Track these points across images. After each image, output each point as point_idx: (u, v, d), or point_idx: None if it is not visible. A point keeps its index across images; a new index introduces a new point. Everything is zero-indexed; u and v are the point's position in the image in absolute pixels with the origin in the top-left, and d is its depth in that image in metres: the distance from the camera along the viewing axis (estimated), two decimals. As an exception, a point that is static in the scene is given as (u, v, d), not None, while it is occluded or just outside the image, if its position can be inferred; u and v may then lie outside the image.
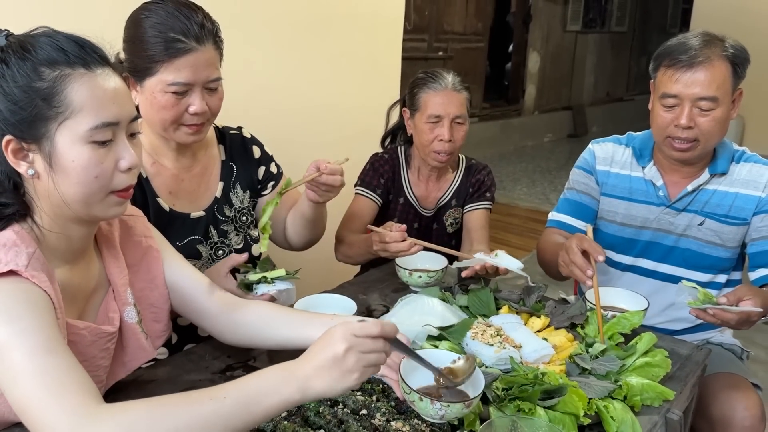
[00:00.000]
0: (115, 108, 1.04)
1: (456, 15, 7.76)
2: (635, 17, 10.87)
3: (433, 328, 1.42)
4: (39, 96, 0.99)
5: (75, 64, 1.01)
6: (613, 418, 1.17)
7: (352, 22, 2.67)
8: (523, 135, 9.19)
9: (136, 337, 1.21)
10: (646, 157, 1.85)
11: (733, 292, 1.46)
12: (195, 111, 1.48)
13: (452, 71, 2.11)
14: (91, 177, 1.03)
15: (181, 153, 1.63)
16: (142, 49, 1.45)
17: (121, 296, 1.20)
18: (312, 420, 1.13)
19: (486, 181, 2.21)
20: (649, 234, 1.84)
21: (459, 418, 1.12)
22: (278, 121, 2.42)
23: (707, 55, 1.61)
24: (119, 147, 1.06)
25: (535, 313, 1.57)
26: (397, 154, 2.21)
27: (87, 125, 1.01)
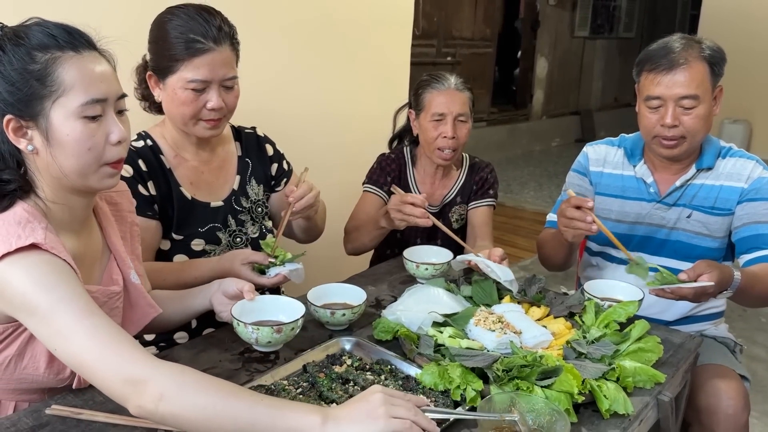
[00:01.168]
0: (103, 86, 1.16)
1: (464, 21, 7.85)
2: (643, 23, 10.92)
3: (438, 315, 1.50)
4: (33, 77, 1.11)
5: (64, 47, 1.13)
6: (606, 397, 1.25)
7: (361, 28, 2.76)
8: (531, 139, 9.26)
9: (143, 295, 1.33)
10: (637, 156, 1.94)
11: (692, 268, 1.57)
12: (212, 107, 1.60)
13: (455, 74, 2.21)
14: (84, 149, 1.14)
15: (201, 147, 1.75)
16: (165, 49, 1.58)
17: (124, 261, 1.33)
18: (325, 395, 1.22)
19: (489, 179, 2.30)
20: (642, 229, 1.93)
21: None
22: (289, 124, 2.50)
23: (685, 57, 1.71)
24: (109, 122, 1.18)
25: (536, 302, 1.65)
26: (403, 154, 2.30)
27: (78, 101, 1.12)
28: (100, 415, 1.15)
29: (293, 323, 1.37)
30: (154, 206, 1.66)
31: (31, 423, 1.15)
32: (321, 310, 1.52)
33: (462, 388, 1.23)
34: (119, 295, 1.29)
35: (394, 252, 2.28)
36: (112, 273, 1.31)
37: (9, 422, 1.15)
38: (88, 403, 1.20)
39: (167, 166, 1.70)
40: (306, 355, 1.39)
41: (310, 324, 1.59)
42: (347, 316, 1.53)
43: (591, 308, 1.57)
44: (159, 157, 1.70)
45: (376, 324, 1.51)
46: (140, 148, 1.68)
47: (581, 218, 1.65)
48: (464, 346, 1.39)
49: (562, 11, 9.22)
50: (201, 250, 1.73)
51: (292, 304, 1.46)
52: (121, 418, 1.14)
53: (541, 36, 9.03)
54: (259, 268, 1.60)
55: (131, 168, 1.64)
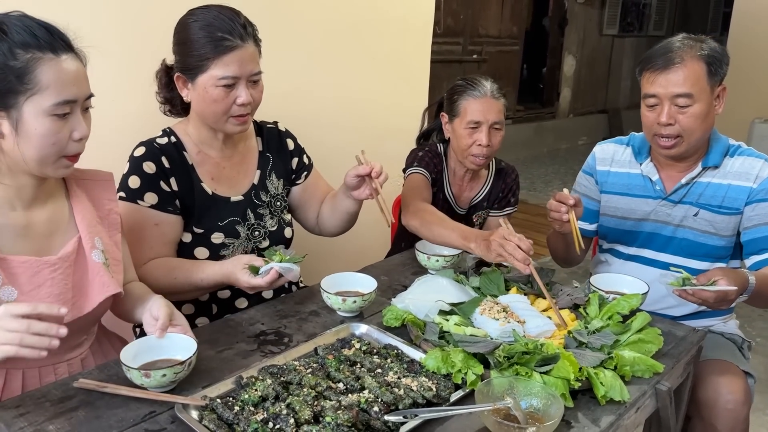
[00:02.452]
0: (75, 88, 1.26)
1: (491, 19, 7.86)
2: (674, 21, 10.79)
3: (445, 303, 1.56)
4: (13, 73, 1.19)
5: (45, 48, 1.22)
6: (602, 384, 1.29)
7: (383, 27, 2.81)
8: (557, 137, 9.23)
9: (101, 274, 1.40)
10: (644, 154, 1.98)
11: (705, 274, 1.59)
12: (242, 102, 1.65)
13: (490, 78, 2.20)
14: (48, 143, 1.25)
15: (225, 144, 1.81)
16: (193, 49, 1.62)
17: (88, 241, 1.41)
18: (333, 375, 1.29)
19: (513, 187, 2.34)
20: (649, 225, 1.96)
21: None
22: (310, 121, 2.56)
23: (681, 56, 1.74)
24: (74, 120, 1.28)
25: (541, 294, 1.70)
26: (440, 151, 2.30)
27: (50, 101, 1.23)
28: (123, 389, 1.23)
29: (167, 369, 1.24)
30: (175, 201, 1.72)
31: (60, 395, 1.24)
32: (333, 297, 1.60)
33: (463, 372, 1.29)
34: (55, 266, 1.34)
35: (409, 244, 2.33)
36: (68, 249, 1.39)
37: (39, 393, 1.25)
38: (112, 378, 1.29)
39: (189, 162, 1.75)
40: (317, 339, 1.46)
41: (324, 310, 1.66)
42: (358, 303, 1.59)
43: (595, 300, 1.61)
44: (182, 154, 1.75)
45: (385, 311, 1.57)
46: (164, 145, 1.73)
47: (557, 209, 1.75)
48: (469, 334, 1.44)
49: (591, 9, 9.16)
50: (221, 243, 1.78)
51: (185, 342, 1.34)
52: (142, 392, 1.23)
53: (569, 34, 8.99)
54: (253, 268, 1.59)
55: (155, 165, 1.69)
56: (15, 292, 1.28)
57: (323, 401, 1.19)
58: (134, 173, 1.68)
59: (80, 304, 1.38)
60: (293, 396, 1.20)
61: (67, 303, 1.35)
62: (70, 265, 1.37)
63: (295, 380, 1.26)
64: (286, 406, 1.16)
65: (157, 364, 1.29)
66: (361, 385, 1.26)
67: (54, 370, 1.40)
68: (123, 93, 1.99)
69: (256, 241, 1.85)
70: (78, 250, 1.39)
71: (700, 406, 1.72)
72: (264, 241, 1.86)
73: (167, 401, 1.22)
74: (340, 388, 1.25)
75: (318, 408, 1.16)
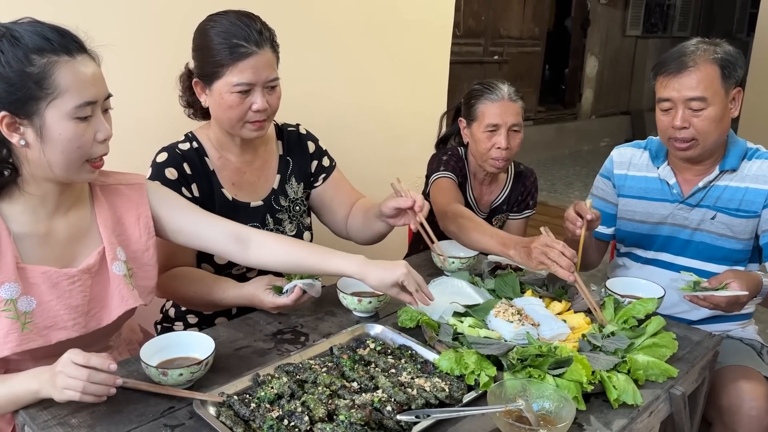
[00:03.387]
0: (94, 89, 1.26)
1: (512, 20, 7.84)
2: (699, 22, 10.66)
3: (459, 305, 1.58)
4: (31, 80, 1.18)
5: (60, 51, 1.21)
6: (615, 387, 1.30)
7: (402, 29, 2.83)
8: (579, 139, 9.17)
9: (120, 288, 1.40)
10: (661, 158, 1.98)
11: (717, 277, 1.60)
12: (257, 108, 1.64)
13: (507, 81, 2.21)
14: (74, 147, 1.25)
15: (245, 149, 1.81)
16: (210, 55, 1.63)
17: (110, 253, 1.40)
18: (347, 374, 1.31)
19: (531, 189, 2.35)
20: (666, 229, 1.96)
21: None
22: (328, 122, 2.58)
23: (694, 60, 1.74)
24: (97, 122, 1.28)
25: (557, 297, 1.71)
26: (462, 155, 2.31)
27: (72, 104, 1.22)
28: (143, 384, 1.27)
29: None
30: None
31: (82, 389, 1.28)
32: (349, 298, 1.62)
33: (476, 374, 1.30)
34: (74, 279, 1.34)
35: (419, 248, 2.35)
36: (90, 260, 1.38)
37: (63, 387, 1.28)
38: (133, 374, 1.32)
39: (211, 168, 1.76)
40: (333, 339, 1.49)
41: (340, 310, 1.68)
42: (373, 303, 1.61)
43: (610, 304, 1.61)
44: (203, 159, 1.76)
45: (400, 312, 1.59)
46: (186, 151, 1.74)
47: (573, 221, 1.76)
48: (483, 336, 1.46)
49: (614, 10, 9.09)
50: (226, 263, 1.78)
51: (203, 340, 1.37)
52: (161, 388, 1.26)
53: (592, 35, 8.93)
54: (276, 288, 1.61)
55: (176, 171, 1.70)
56: (34, 301, 1.29)
57: (337, 400, 1.21)
58: (156, 179, 1.69)
59: (99, 316, 1.39)
60: (308, 394, 1.22)
61: (84, 315, 1.36)
62: (90, 277, 1.37)
63: (310, 379, 1.29)
64: (301, 404, 1.19)
65: (176, 362, 1.32)
66: (374, 385, 1.28)
67: None
68: (142, 97, 2.02)
69: None
70: (100, 261, 1.39)
71: (722, 413, 1.71)
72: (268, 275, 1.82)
73: (186, 397, 1.24)
74: (354, 387, 1.28)
75: (332, 406, 1.19)
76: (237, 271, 1.81)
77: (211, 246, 1.55)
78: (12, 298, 1.26)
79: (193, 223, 1.52)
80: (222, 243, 1.53)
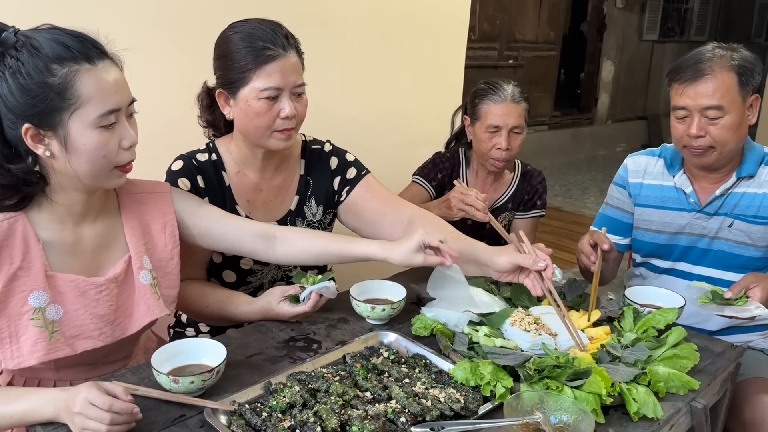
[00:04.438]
0: (117, 96, 1.23)
1: (528, 24, 7.80)
2: (716, 26, 10.56)
3: (473, 314, 1.55)
4: (53, 91, 1.16)
5: (80, 59, 1.18)
6: (635, 400, 1.26)
7: (418, 33, 2.82)
8: (595, 144, 9.11)
9: (146, 297, 1.39)
10: (677, 166, 1.94)
11: (739, 283, 1.57)
12: (286, 115, 1.57)
13: (512, 82, 2.21)
14: (99, 156, 1.23)
15: (266, 164, 1.73)
16: (234, 62, 1.56)
17: (137, 261, 1.39)
18: (360, 383, 1.29)
19: (539, 189, 2.33)
20: (683, 239, 1.92)
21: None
22: (344, 126, 2.58)
23: (711, 67, 1.70)
24: (121, 128, 1.26)
25: (575, 306, 1.67)
26: (459, 155, 2.35)
27: (95, 113, 1.20)
28: (154, 392, 1.25)
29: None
30: None
31: (93, 395, 1.27)
32: (362, 305, 1.59)
33: (492, 385, 1.27)
34: (101, 288, 1.33)
35: None
36: (116, 269, 1.38)
37: (74, 394, 1.27)
38: (144, 381, 1.31)
39: (227, 182, 1.71)
40: (346, 347, 1.46)
41: (352, 317, 1.66)
42: (387, 311, 1.59)
43: (629, 313, 1.58)
44: (220, 173, 1.71)
45: (414, 320, 1.57)
46: (203, 163, 1.70)
47: (587, 255, 1.75)
48: (499, 345, 1.43)
49: (630, 14, 9.02)
50: (249, 269, 1.76)
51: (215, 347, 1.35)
52: (172, 396, 1.24)
53: (608, 39, 8.87)
54: (292, 297, 1.58)
55: (189, 182, 1.66)
56: (61, 310, 1.29)
57: (350, 410, 1.19)
58: None
59: (124, 325, 1.38)
60: (320, 404, 1.20)
61: (110, 324, 1.36)
62: (117, 286, 1.37)
63: (322, 388, 1.26)
64: (313, 414, 1.17)
65: (187, 369, 1.31)
66: (388, 395, 1.25)
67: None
68: (160, 105, 2.02)
69: (286, 269, 1.82)
70: (126, 270, 1.38)
71: (744, 427, 1.67)
72: (294, 269, 1.82)
73: (197, 405, 1.23)
74: (368, 397, 1.25)
75: (345, 417, 1.16)
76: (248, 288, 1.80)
77: (237, 246, 1.56)
78: (41, 307, 1.26)
79: (219, 225, 1.52)
80: (249, 242, 1.54)
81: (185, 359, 1.34)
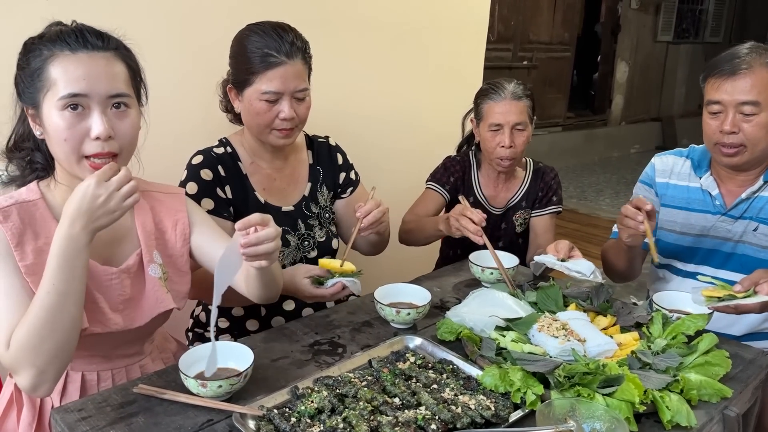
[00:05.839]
0: (84, 82, 1.23)
1: (542, 25, 7.77)
2: (732, 27, 10.47)
3: (500, 319, 1.53)
4: (36, 73, 1.23)
5: (63, 47, 1.23)
6: (668, 408, 1.24)
7: (437, 33, 2.80)
8: (609, 145, 9.06)
9: (156, 290, 1.40)
10: (704, 168, 1.91)
11: (749, 277, 1.54)
12: (284, 117, 1.69)
13: (515, 80, 2.21)
14: (61, 139, 1.24)
15: (275, 155, 1.85)
16: (242, 63, 1.69)
17: (147, 255, 1.41)
18: (388, 389, 1.27)
19: (553, 185, 2.31)
20: (708, 242, 1.89)
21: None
22: (362, 127, 2.58)
23: (749, 62, 1.68)
24: (92, 117, 1.25)
25: (602, 312, 1.65)
26: (469, 157, 2.34)
27: (58, 95, 1.22)
28: (181, 396, 1.24)
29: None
30: (230, 208, 1.76)
31: (120, 400, 1.26)
32: (387, 309, 1.58)
33: (522, 392, 1.26)
34: (112, 277, 1.36)
35: (456, 253, 2.32)
36: (129, 261, 1.40)
37: (101, 398, 1.27)
38: (170, 385, 1.30)
39: (244, 171, 1.81)
40: (372, 351, 1.45)
41: (377, 321, 1.65)
42: (412, 315, 1.58)
43: (658, 319, 1.56)
44: (237, 164, 1.81)
45: (440, 324, 1.55)
46: (221, 155, 1.79)
47: (633, 216, 1.67)
48: (527, 351, 1.41)
49: (645, 15, 8.96)
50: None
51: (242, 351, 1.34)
52: (200, 400, 1.23)
53: (622, 40, 8.82)
54: (318, 280, 1.66)
55: (211, 173, 1.75)
56: None
57: (379, 416, 1.18)
58: (192, 180, 1.74)
59: (133, 316, 1.39)
60: (349, 410, 1.19)
61: (120, 313, 1.37)
62: (128, 277, 1.39)
63: (350, 393, 1.25)
64: (343, 420, 1.16)
65: (214, 373, 1.30)
66: (417, 401, 1.24)
67: (112, 376, 1.42)
68: (179, 104, 2.03)
69: (305, 251, 1.88)
70: (138, 263, 1.41)
71: None
72: (312, 251, 1.89)
73: (224, 410, 1.22)
74: (396, 403, 1.24)
75: (374, 423, 1.15)
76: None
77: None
78: None
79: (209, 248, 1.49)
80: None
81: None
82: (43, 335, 1.16)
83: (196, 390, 1.24)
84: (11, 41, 1.31)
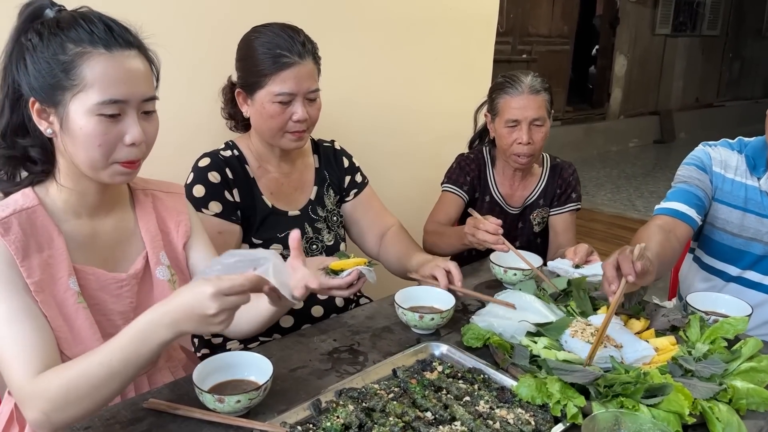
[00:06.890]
0: (125, 87, 1.14)
1: (541, 18, 7.69)
2: (728, 20, 10.41)
3: (530, 324, 1.45)
4: (60, 68, 1.11)
5: (97, 44, 1.12)
6: (719, 419, 1.16)
7: (446, 26, 2.71)
8: (608, 139, 8.99)
9: (165, 293, 1.32)
10: (761, 167, 1.80)
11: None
12: (298, 118, 1.64)
13: (532, 72, 2.12)
14: (94, 145, 1.14)
15: (283, 160, 1.81)
16: (253, 65, 1.63)
17: (153, 257, 1.33)
18: (419, 402, 1.19)
19: (572, 182, 2.23)
20: (759, 247, 1.80)
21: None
22: (371, 121, 2.50)
23: None
24: (127, 123, 1.16)
25: (635, 315, 1.57)
26: (483, 154, 2.25)
27: (95, 99, 1.12)
28: (197, 412, 1.15)
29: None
30: (237, 212, 1.70)
31: (129, 416, 1.17)
32: (409, 314, 1.49)
33: (562, 404, 1.17)
34: (122, 283, 1.29)
35: (471, 253, 2.23)
36: (136, 264, 1.32)
37: (108, 414, 1.17)
38: (183, 398, 1.21)
39: (251, 175, 1.76)
40: (395, 359, 1.36)
41: (397, 326, 1.56)
42: (436, 320, 1.49)
43: (696, 322, 1.48)
44: (244, 167, 1.76)
45: (465, 330, 1.46)
46: (228, 158, 1.74)
47: (609, 280, 1.38)
48: (561, 359, 1.33)
49: (643, 8, 8.90)
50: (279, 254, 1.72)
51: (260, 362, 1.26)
52: (216, 416, 1.15)
53: (621, 33, 8.74)
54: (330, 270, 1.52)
55: (219, 175, 1.69)
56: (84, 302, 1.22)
57: (412, 432, 1.09)
58: (199, 182, 1.67)
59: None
60: (378, 425, 1.10)
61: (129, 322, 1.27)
62: (138, 283, 1.31)
63: (378, 407, 1.16)
64: (372, 437, 1.07)
65: (230, 385, 1.21)
66: (451, 415, 1.15)
67: None
68: (186, 105, 1.95)
69: (313, 255, 1.81)
70: (145, 267, 1.33)
71: None
72: (320, 255, 1.82)
73: (244, 427, 1.13)
74: (429, 417, 1.15)
75: (407, 440, 1.06)
76: None
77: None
78: (79, 291, 1.21)
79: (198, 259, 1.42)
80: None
81: (227, 374, 1.24)
82: (77, 400, 1.07)
83: (212, 405, 1.15)
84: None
